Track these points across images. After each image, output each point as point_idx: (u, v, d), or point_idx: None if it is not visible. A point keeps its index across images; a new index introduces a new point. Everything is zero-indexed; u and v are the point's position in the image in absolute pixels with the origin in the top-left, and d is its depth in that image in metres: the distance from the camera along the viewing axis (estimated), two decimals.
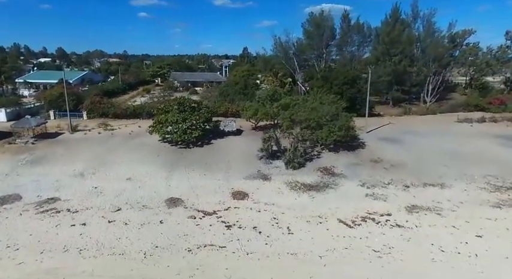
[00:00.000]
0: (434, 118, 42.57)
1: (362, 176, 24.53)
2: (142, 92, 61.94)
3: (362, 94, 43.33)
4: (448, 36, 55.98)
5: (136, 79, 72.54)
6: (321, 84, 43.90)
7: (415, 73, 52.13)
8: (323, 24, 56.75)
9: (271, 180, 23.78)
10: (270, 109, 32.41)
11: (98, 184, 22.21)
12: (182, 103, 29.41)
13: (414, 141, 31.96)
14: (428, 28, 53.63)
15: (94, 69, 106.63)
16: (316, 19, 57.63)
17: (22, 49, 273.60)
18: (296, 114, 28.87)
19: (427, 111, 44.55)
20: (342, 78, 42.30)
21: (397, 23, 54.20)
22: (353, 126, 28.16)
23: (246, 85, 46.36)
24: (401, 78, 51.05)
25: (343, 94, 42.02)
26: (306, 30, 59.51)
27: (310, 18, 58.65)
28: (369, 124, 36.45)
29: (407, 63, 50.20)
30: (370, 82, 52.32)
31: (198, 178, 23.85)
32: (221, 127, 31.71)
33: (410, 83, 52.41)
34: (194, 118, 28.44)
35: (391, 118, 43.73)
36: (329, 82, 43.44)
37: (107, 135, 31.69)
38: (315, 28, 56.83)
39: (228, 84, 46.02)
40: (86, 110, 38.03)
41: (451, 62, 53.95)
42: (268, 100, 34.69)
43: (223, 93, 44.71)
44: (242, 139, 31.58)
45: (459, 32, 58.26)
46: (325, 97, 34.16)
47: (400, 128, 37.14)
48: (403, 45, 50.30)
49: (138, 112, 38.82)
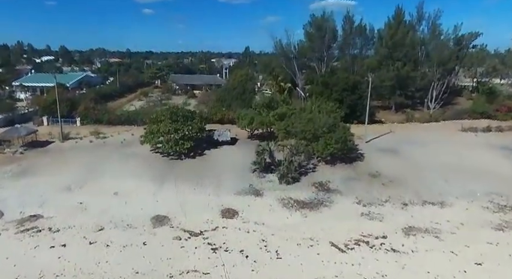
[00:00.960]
0: (437, 126, 41.26)
1: (358, 192, 23.54)
2: (139, 95, 61.27)
3: (363, 100, 42.16)
4: (454, 38, 54.55)
5: (135, 81, 71.92)
6: (320, 90, 42.86)
7: (419, 78, 50.77)
8: (325, 26, 55.60)
9: (263, 196, 22.91)
10: (266, 118, 31.47)
11: (84, 199, 21.52)
12: (175, 113, 28.59)
13: (414, 152, 30.81)
14: (433, 30, 52.24)
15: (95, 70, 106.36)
16: (318, 21, 56.42)
17: (26, 47, 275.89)
18: (292, 125, 27.90)
19: (430, 118, 43.23)
20: (343, 84, 41.16)
21: (401, 25, 52.87)
22: (351, 139, 27.08)
23: (244, 90, 45.42)
24: (404, 83, 49.70)
25: (343, 100, 40.99)
26: (308, 32, 58.39)
27: (311, 19, 57.47)
28: (369, 132, 35.35)
29: (411, 67, 48.83)
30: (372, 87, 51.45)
31: (188, 192, 23.06)
32: (215, 136, 30.87)
33: (414, 88, 51.06)
34: (187, 128, 27.62)
35: (392, 125, 42.48)
36: (329, 89, 42.34)
37: (99, 143, 31.03)
38: (316, 30, 55.68)
39: (226, 88, 45.12)
40: (79, 116, 37.44)
41: (456, 66, 52.54)
42: (265, 108, 33.75)
43: (220, 99, 43.83)
44: (236, 149, 30.71)
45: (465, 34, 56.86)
46: (323, 105, 33.14)
47: (400, 137, 35.95)
48: (406, 49, 48.92)
49: (133, 118, 38.13)
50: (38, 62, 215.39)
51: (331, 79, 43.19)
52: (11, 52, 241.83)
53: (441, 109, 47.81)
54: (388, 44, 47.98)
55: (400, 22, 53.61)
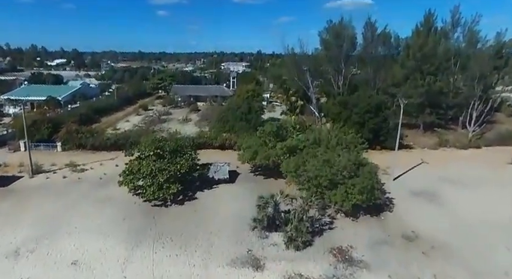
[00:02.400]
0: (479, 154, 34.61)
1: (392, 265, 17.65)
2: (138, 108, 56.77)
3: (388, 123, 36.04)
4: (495, 47, 47.57)
5: (137, 91, 67.67)
6: (338, 110, 36.98)
7: (452, 94, 44.07)
8: (343, 33, 49.60)
9: (264, 269, 17.34)
10: (273, 151, 25.91)
11: (31, 273, 16.56)
12: (161, 148, 23.44)
13: (459, 198, 24.51)
14: (469, 38, 45.36)
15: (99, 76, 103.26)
16: (336, 27, 50.48)
17: (40, 49, 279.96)
18: (303, 165, 22.25)
19: (469, 143, 36.56)
20: (364, 104, 35.12)
21: (431, 33, 46.27)
22: (378, 187, 21.14)
23: (249, 108, 39.98)
24: (435, 100, 43.12)
25: (364, 124, 35.00)
26: (324, 39, 52.52)
27: (328, 25, 51.56)
28: (396, 162, 29.22)
29: (445, 82, 42.24)
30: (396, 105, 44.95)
31: (167, 261, 17.78)
32: (210, 173, 25.56)
33: (446, 104, 44.38)
34: (174, 167, 22.41)
35: (423, 152, 36.10)
36: (348, 109, 36.41)
37: (73, 180, 26.18)
38: (333, 37, 49.74)
39: (229, 107, 39.81)
40: (60, 140, 32.97)
41: (498, 81, 45.40)
42: (272, 136, 28.21)
43: (222, 119, 38.56)
44: (235, 189, 25.23)
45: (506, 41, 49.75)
46: (342, 135, 27.30)
47: (436, 171, 29.64)
48: (438, 60, 42.36)
49: (121, 143, 33.34)
50: (50, 65, 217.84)
51: (350, 98, 37.23)
52: (24, 55, 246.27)
53: (478, 128, 40.82)
54: (416, 55, 41.51)
55: (430, 29, 47.06)
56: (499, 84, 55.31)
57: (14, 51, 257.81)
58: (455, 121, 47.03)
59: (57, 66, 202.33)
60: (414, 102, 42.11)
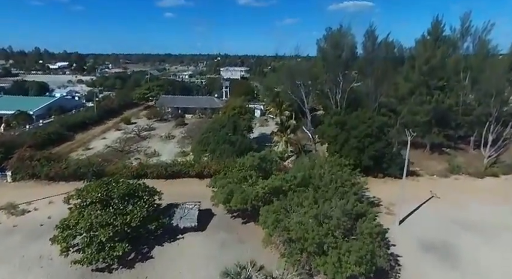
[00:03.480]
0: (497, 186, 29.75)
1: None
2: (120, 122, 52.32)
3: (391, 148, 31.36)
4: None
5: (123, 101, 63.24)
6: (334, 132, 32.30)
7: (462, 110, 39.31)
8: (342, 42, 45.13)
9: None
10: (252, 191, 21.25)
11: None
12: (109, 192, 18.81)
13: (478, 256, 19.64)
14: (481, 48, 40.67)
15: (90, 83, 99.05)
16: (334, 36, 46.04)
17: (43, 52, 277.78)
18: (286, 219, 17.56)
19: (485, 171, 31.74)
20: (364, 127, 30.41)
21: (439, 43, 41.65)
22: (381, 252, 16.36)
23: (235, 127, 35.40)
24: (444, 118, 38.42)
25: (364, 150, 30.31)
26: (322, 48, 48.09)
27: (327, 33, 47.16)
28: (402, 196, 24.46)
29: (454, 99, 37.50)
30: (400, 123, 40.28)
31: None
32: (175, 220, 20.90)
33: (456, 123, 39.64)
34: (121, 221, 17.74)
35: (432, 181, 31.35)
36: (345, 131, 31.73)
37: (5, 229, 21.40)
38: (331, 47, 45.27)
39: (211, 127, 35.15)
40: (11, 169, 28.48)
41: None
42: (254, 170, 23.59)
43: (202, 141, 33.96)
44: (203, 244, 20.32)
45: None
46: (336, 171, 22.63)
47: (449, 211, 24.83)
48: (448, 74, 37.67)
49: (82, 171, 28.80)
50: (51, 68, 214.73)
51: (349, 118, 32.55)
52: (27, 58, 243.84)
53: (494, 153, 35.81)
54: (422, 69, 36.78)
55: (437, 38, 42.42)
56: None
57: (17, 53, 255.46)
58: (465, 139, 42.26)
59: (57, 70, 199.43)
60: (420, 120, 37.52)
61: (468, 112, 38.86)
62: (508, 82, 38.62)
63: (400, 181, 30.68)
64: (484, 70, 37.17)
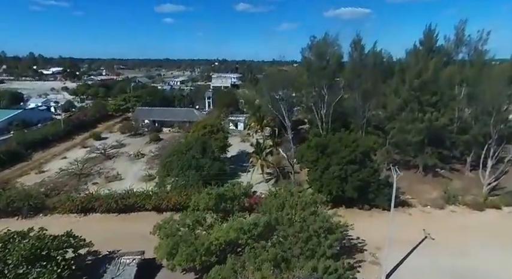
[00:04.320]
0: (500, 221, 25.88)
1: None
2: (89, 138, 48.15)
3: (378, 175, 27.53)
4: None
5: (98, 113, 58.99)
6: (315, 156, 28.43)
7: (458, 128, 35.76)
8: (327, 53, 41.56)
9: None
10: (204, 243, 17.16)
11: None
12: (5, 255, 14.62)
13: None
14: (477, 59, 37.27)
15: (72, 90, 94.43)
16: (319, 46, 42.51)
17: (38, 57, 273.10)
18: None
19: (485, 202, 27.94)
20: (347, 153, 26.56)
21: (432, 54, 38.24)
22: None
23: (204, 149, 31.42)
24: (438, 137, 34.78)
25: (347, 178, 26.46)
26: (305, 58, 44.53)
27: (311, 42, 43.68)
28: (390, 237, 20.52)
29: (449, 116, 33.89)
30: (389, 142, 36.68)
31: None
32: (108, 274, 16.77)
33: (451, 142, 36.02)
34: None
35: (426, 214, 27.48)
36: (326, 156, 27.88)
37: None
38: (316, 57, 41.67)
39: (177, 149, 31.05)
40: None
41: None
42: (211, 210, 19.61)
43: (165, 167, 29.90)
44: None
45: None
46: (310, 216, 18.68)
47: (447, 258, 20.94)
48: (441, 90, 34.08)
49: (16, 206, 24.60)
50: (45, 74, 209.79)
51: (330, 140, 28.67)
52: (19, 64, 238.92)
53: (494, 180, 31.94)
54: (412, 83, 33.13)
55: (431, 49, 39.04)
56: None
57: (10, 59, 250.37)
58: (462, 158, 38.56)
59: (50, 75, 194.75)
60: (412, 140, 33.86)
61: (464, 130, 35.28)
62: (508, 98, 35.35)
63: (389, 214, 27.02)
64: (481, 84, 33.67)
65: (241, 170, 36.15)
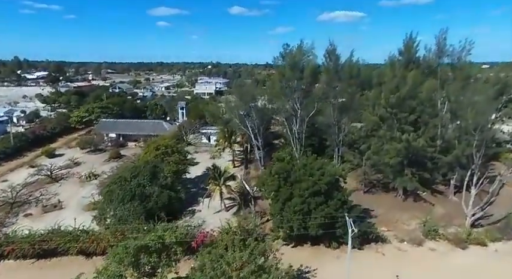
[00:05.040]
0: (486, 263, 22.30)
1: None
2: (41, 155, 43.65)
3: (348, 208, 23.91)
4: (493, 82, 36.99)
5: (60, 126, 54.40)
6: (276, 185, 24.69)
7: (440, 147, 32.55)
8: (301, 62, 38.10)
9: None
10: None
11: None
12: None
13: None
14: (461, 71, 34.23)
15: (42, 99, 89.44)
16: (293, 55, 39.12)
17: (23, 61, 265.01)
18: None
19: (469, 238, 24.51)
20: (311, 183, 22.90)
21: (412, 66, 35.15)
22: None
23: (154, 174, 27.44)
24: (418, 159, 31.48)
25: (310, 212, 22.82)
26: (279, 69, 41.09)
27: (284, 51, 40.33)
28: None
29: (430, 136, 30.61)
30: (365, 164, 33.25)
31: None
32: None
33: (432, 162, 32.69)
34: None
35: (400, 253, 23.90)
36: (289, 184, 24.20)
37: None
38: (289, 68, 38.15)
39: (121, 176, 26.90)
40: None
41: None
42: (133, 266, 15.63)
43: (105, 198, 25.79)
44: None
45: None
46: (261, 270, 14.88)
47: None
48: (421, 106, 30.81)
49: None
50: (29, 79, 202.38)
51: (294, 167, 25.00)
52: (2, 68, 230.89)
53: (480, 211, 28.21)
54: (388, 100, 29.73)
55: (410, 60, 35.94)
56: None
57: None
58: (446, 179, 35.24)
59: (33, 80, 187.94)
60: (389, 161, 30.48)
61: (448, 150, 32.05)
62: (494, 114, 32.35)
63: (361, 254, 23.46)
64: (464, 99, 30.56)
65: (204, 194, 32.24)
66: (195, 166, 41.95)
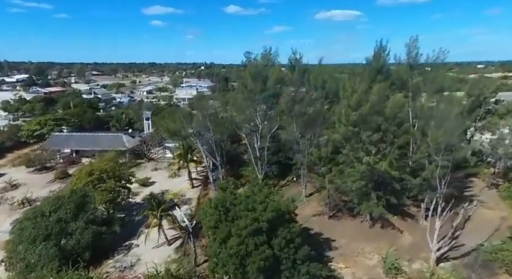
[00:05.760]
0: None
1: None
2: None
3: (293, 248, 20.59)
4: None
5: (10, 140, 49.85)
6: (215, 220, 21.22)
7: (410, 169, 29.70)
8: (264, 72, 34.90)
9: None
10: None
11: None
12: None
13: None
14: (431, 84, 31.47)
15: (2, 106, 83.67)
16: (256, 64, 36.02)
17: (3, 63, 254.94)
18: None
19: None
20: (249, 220, 19.54)
21: (380, 78, 32.31)
22: None
23: (81, 206, 23.71)
24: (385, 180, 28.47)
25: (250, 255, 19.45)
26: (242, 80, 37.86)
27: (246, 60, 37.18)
28: None
29: (395, 157, 27.58)
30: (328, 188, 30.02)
31: None
32: None
33: (401, 185, 29.67)
34: None
35: None
36: (229, 220, 20.81)
37: None
38: (251, 78, 34.88)
39: (38, 211, 23.00)
40: None
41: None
42: None
43: (17, 236, 21.90)
44: None
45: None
46: None
47: None
48: (386, 125, 27.75)
49: None
50: (8, 82, 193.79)
51: (237, 200, 21.63)
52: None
53: (446, 244, 24.72)
54: (350, 117, 26.58)
55: (379, 71, 33.08)
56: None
57: None
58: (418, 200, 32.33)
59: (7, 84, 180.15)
60: (351, 185, 27.42)
61: (417, 171, 29.19)
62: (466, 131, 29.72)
63: None
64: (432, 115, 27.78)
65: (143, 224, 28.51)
66: (149, 187, 38.40)
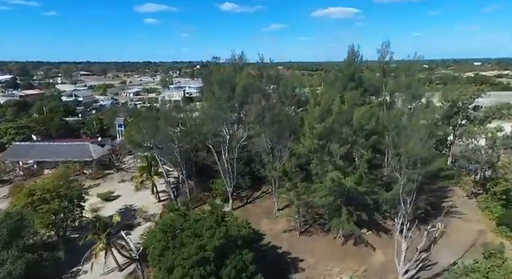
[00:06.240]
0: None
1: None
2: None
3: (247, 277, 18.61)
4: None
5: None
6: (158, 249, 19.10)
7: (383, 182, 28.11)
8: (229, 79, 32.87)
9: None
10: None
11: None
12: None
13: None
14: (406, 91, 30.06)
15: None
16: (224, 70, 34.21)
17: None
18: None
19: None
20: (194, 251, 17.50)
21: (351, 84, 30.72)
22: None
23: (17, 231, 21.29)
24: (355, 196, 26.72)
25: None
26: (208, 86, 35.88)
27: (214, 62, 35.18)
28: None
29: (364, 171, 25.82)
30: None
31: None
32: None
33: (373, 199, 27.95)
34: None
35: None
36: (176, 247, 18.71)
37: None
38: (218, 84, 32.75)
39: None
40: None
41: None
42: None
43: None
44: None
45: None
46: None
47: None
48: (353, 138, 25.95)
49: None
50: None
51: (186, 223, 19.55)
52: None
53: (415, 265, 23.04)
54: (315, 130, 24.68)
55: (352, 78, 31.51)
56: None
57: None
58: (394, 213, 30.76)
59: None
60: (319, 201, 25.62)
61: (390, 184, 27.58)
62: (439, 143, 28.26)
63: None
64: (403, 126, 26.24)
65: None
66: (113, 201, 36.05)
